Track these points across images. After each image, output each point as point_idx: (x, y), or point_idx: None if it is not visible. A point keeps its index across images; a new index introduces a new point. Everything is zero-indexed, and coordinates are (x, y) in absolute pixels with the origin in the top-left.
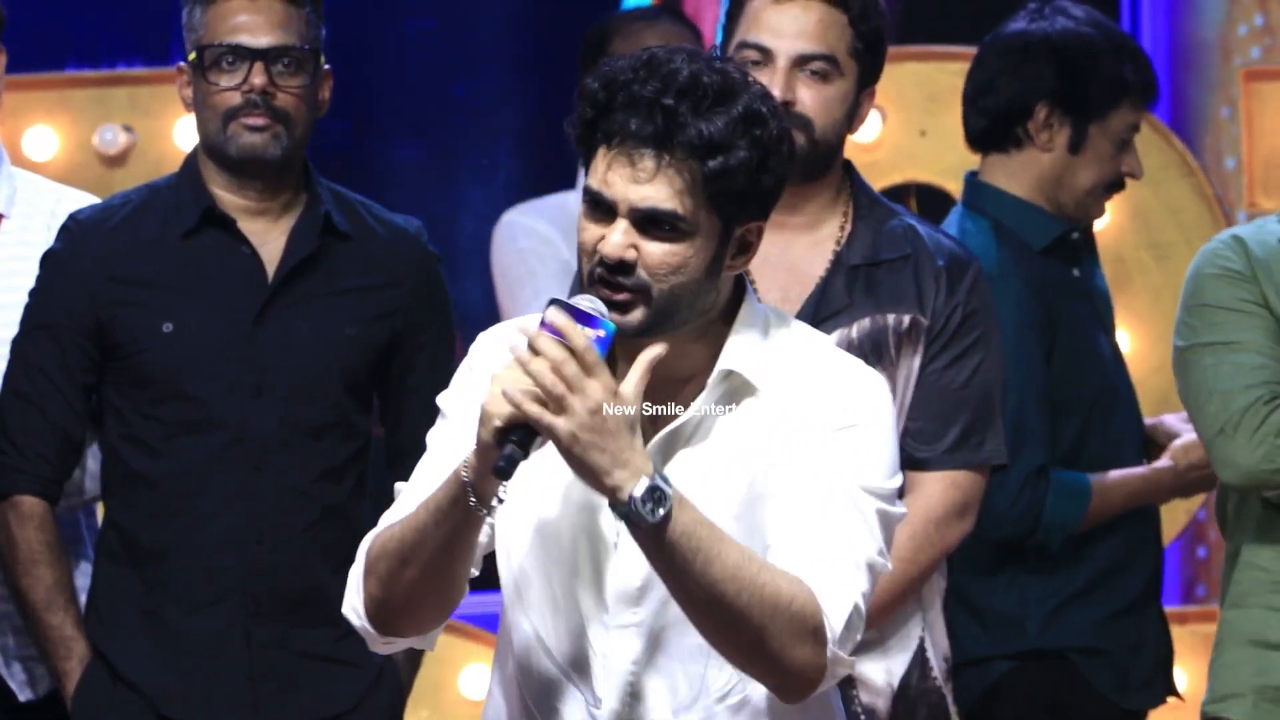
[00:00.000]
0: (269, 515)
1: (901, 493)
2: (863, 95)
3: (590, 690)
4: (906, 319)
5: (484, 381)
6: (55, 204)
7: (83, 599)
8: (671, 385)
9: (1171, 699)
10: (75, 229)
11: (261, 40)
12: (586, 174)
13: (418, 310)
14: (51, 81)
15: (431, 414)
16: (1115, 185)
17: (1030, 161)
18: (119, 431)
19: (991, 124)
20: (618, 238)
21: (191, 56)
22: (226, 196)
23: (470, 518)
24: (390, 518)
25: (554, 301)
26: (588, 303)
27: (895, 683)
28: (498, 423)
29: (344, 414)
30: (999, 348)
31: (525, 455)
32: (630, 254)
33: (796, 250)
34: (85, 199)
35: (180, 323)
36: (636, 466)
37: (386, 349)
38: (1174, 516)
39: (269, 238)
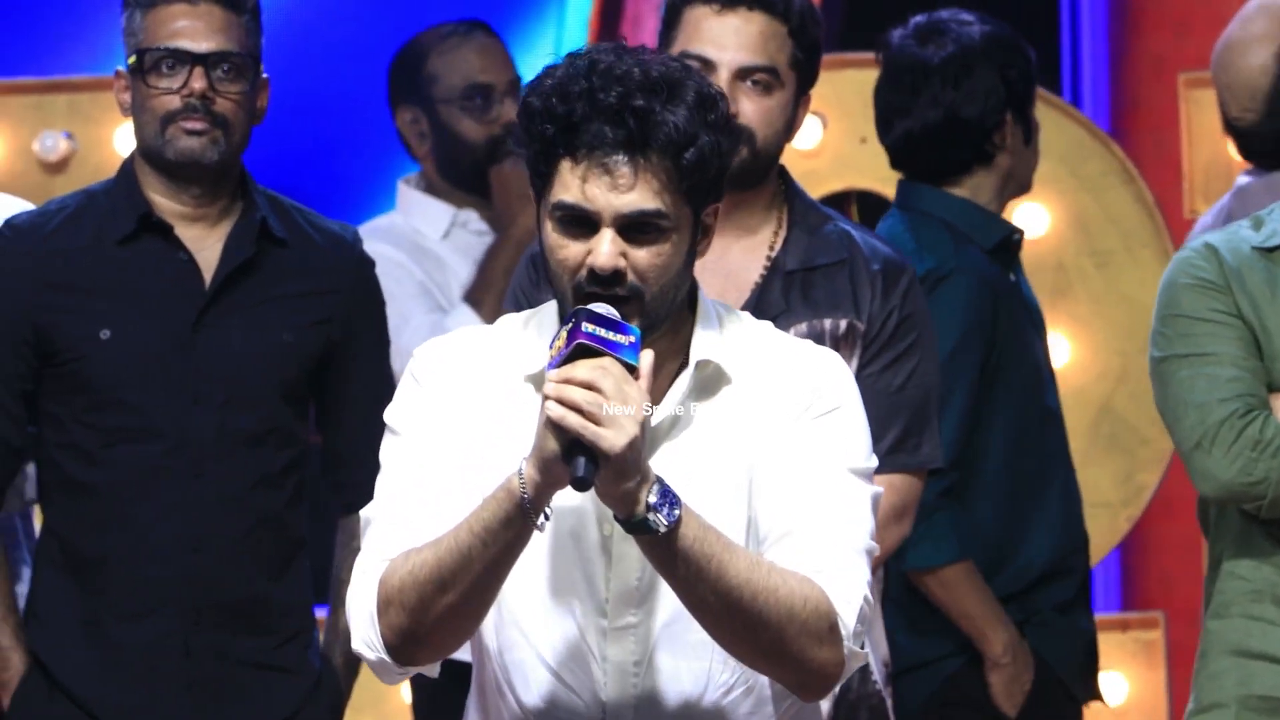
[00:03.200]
0: (207, 524)
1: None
2: (800, 103)
3: (594, 696)
4: (843, 323)
5: (433, 394)
6: None
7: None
8: None
9: (1097, 704)
10: (10, 234)
11: (202, 45)
12: (544, 192)
13: (354, 316)
14: None
15: (368, 420)
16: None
17: (998, 168)
18: (56, 439)
19: (969, 148)
20: (608, 248)
21: (131, 60)
22: (163, 202)
23: (522, 536)
24: (385, 545)
25: (578, 312)
26: (604, 309)
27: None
28: (561, 441)
29: (281, 421)
30: (935, 351)
31: (597, 466)
32: (621, 262)
33: (733, 256)
34: (16, 205)
35: (117, 330)
36: (645, 473)
37: (323, 355)
38: (1114, 524)
39: (206, 244)
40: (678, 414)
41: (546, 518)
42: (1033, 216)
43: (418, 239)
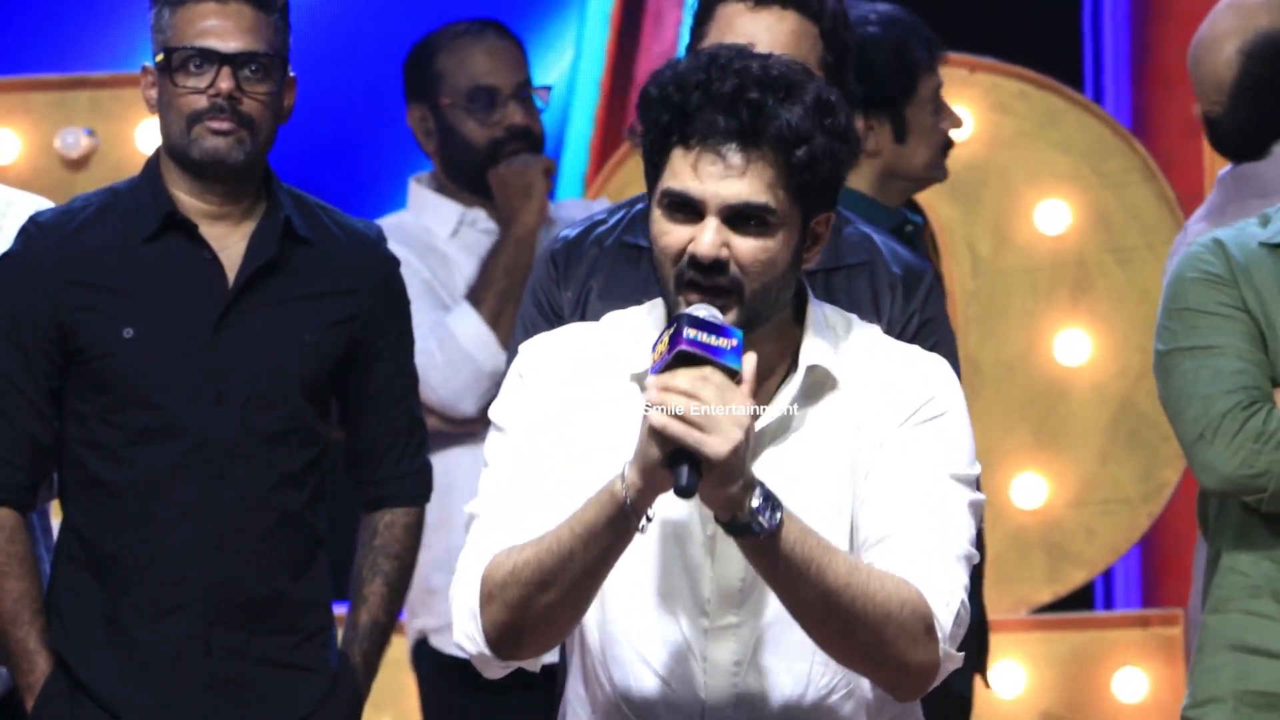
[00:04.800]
0: (229, 523)
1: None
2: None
3: (694, 695)
4: None
5: (538, 391)
6: (5, 207)
7: None
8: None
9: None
10: (35, 232)
11: (230, 45)
12: (656, 182)
13: (378, 315)
14: (12, 84)
15: (391, 418)
16: (947, 145)
17: (864, 167)
18: (79, 436)
19: None
20: (710, 236)
21: (159, 58)
22: (188, 200)
23: (624, 538)
24: (489, 541)
25: (680, 317)
26: (706, 312)
27: None
28: (663, 448)
29: (303, 420)
30: (955, 355)
31: (700, 474)
32: (724, 252)
33: None
34: (38, 203)
35: (141, 328)
36: (749, 477)
37: (346, 355)
38: (1135, 520)
39: (229, 242)
40: (785, 417)
41: (648, 520)
42: (1054, 213)
43: (426, 237)
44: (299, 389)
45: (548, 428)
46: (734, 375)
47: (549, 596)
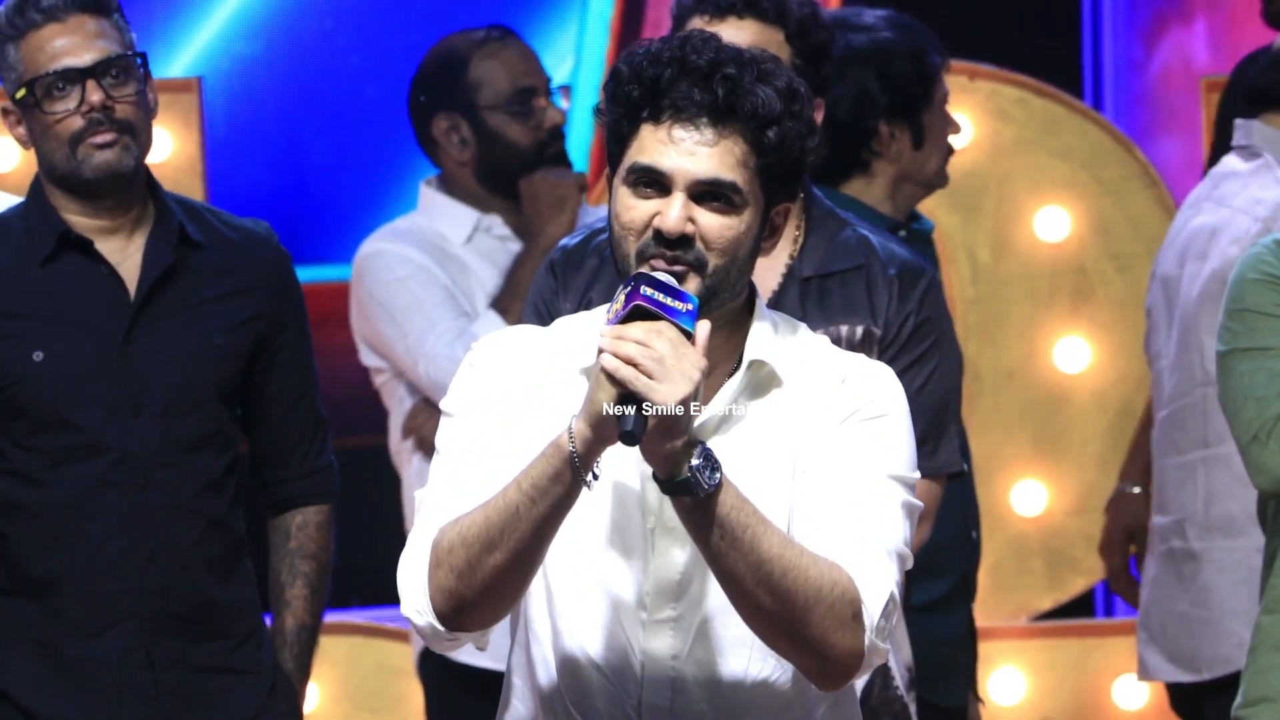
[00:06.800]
0: (159, 533)
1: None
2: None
3: (632, 688)
4: (860, 329)
5: (488, 380)
6: None
7: None
8: None
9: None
10: None
11: (85, 58)
12: (620, 159)
13: (278, 312)
14: None
15: (293, 417)
16: (949, 151)
17: (882, 173)
18: None
19: (844, 153)
20: (677, 211)
21: (19, 94)
22: (78, 220)
23: (571, 493)
24: (436, 518)
25: (638, 276)
26: (664, 276)
27: (858, 692)
28: (612, 392)
29: (220, 424)
30: (953, 355)
31: (645, 424)
32: (690, 227)
33: None
34: None
35: (50, 350)
36: (691, 435)
37: (254, 354)
38: None
39: (125, 255)
40: (728, 412)
41: (595, 477)
42: (1054, 220)
43: (440, 243)
44: (213, 392)
45: (497, 413)
46: (688, 338)
47: (495, 558)
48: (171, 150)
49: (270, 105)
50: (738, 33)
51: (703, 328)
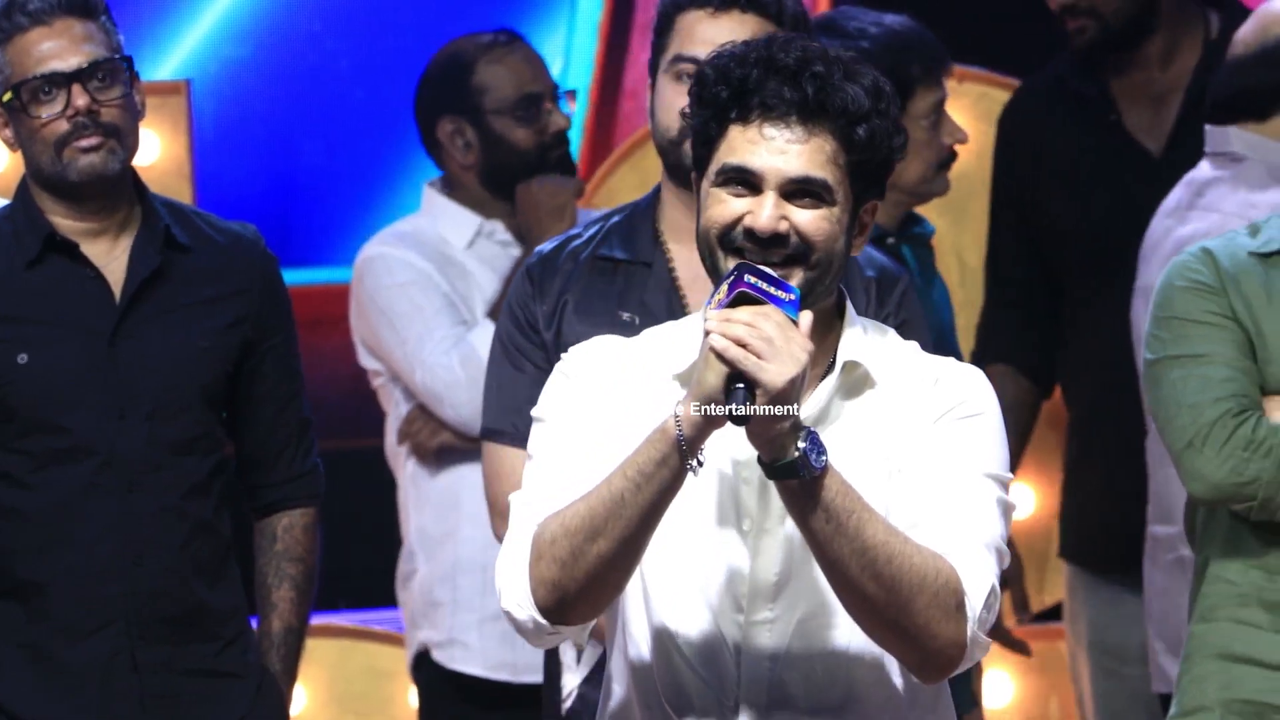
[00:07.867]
0: (146, 536)
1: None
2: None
3: (728, 688)
4: None
5: (581, 387)
6: None
7: None
8: None
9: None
10: None
11: (71, 61)
12: (707, 163)
13: (265, 315)
14: None
15: (281, 420)
16: (948, 160)
17: None
18: None
19: None
20: (769, 210)
21: (7, 98)
22: (64, 222)
23: (677, 479)
24: (535, 514)
25: (741, 265)
26: (767, 268)
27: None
28: (721, 372)
29: (206, 427)
30: None
31: (754, 404)
32: (783, 225)
33: None
34: None
35: (35, 353)
36: (798, 418)
37: (240, 357)
38: None
39: (111, 258)
40: (824, 410)
41: (700, 463)
42: None
43: (443, 247)
44: (200, 396)
45: (591, 419)
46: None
47: (599, 546)
48: (160, 153)
49: (258, 108)
50: (740, 26)
51: (805, 317)
